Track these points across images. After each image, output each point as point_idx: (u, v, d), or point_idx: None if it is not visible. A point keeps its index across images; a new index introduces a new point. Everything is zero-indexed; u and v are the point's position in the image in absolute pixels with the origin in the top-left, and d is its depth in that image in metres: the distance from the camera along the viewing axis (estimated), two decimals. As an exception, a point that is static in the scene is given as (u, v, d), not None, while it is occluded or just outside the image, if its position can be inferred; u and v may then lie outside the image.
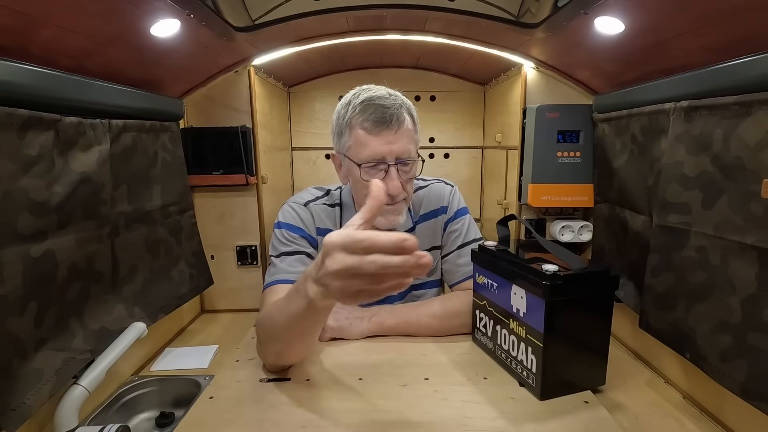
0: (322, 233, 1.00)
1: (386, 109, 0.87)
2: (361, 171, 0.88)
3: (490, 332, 0.89)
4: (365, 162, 0.88)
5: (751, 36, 0.66)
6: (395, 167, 0.89)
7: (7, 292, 0.63)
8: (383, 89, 0.93)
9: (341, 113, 0.92)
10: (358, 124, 0.88)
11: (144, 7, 0.77)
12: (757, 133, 0.65)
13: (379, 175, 0.89)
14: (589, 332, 0.78)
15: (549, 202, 1.23)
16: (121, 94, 0.90)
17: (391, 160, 0.89)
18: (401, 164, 0.90)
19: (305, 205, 1.01)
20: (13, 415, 0.63)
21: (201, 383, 0.95)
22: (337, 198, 1.05)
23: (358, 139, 0.88)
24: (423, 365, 0.85)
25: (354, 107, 0.89)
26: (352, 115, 0.89)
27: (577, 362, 0.78)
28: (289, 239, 0.97)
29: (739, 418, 0.75)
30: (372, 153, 0.88)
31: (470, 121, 1.78)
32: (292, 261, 0.94)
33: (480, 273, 0.92)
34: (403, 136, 0.89)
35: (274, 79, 1.51)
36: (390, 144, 0.88)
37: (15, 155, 0.65)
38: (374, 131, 0.87)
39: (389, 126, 0.87)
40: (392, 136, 0.88)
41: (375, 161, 0.88)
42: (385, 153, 0.88)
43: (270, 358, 0.84)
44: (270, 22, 1.07)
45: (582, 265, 0.75)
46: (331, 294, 0.57)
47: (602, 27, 0.87)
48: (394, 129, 0.88)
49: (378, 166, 0.89)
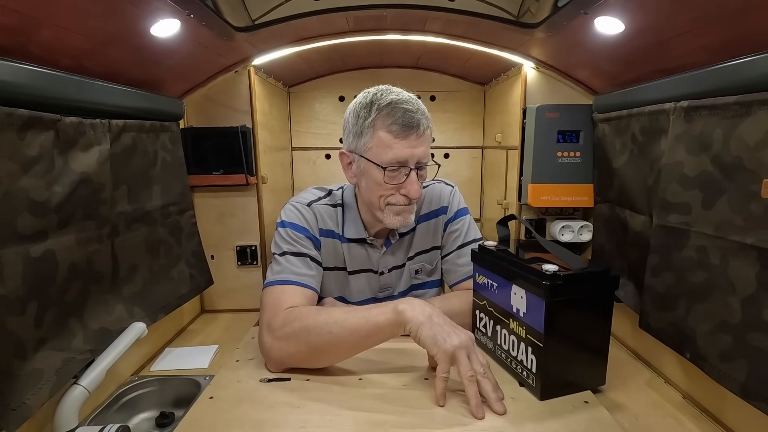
0: (325, 234, 1.00)
1: (413, 114, 0.88)
2: (386, 174, 0.90)
3: (490, 332, 0.89)
4: (389, 164, 0.89)
5: (751, 36, 0.66)
6: (415, 171, 0.91)
7: (7, 292, 0.63)
8: (404, 92, 0.93)
9: (362, 114, 0.91)
10: (384, 127, 0.88)
11: (144, 7, 0.77)
12: (757, 133, 0.65)
13: (400, 178, 0.90)
14: (589, 332, 0.78)
15: (549, 202, 1.23)
16: (121, 94, 0.90)
17: (413, 164, 0.90)
18: (420, 168, 0.92)
19: (308, 205, 1.01)
20: (13, 415, 0.63)
21: (201, 383, 0.95)
22: (339, 198, 1.05)
23: (382, 141, 0.88)
24: (423, 366, 0.85)
25: (379, 109, 0.89)
26: (377, 117, 0.89)
27: (577, 362, 0.78)
28: (294, 239, 0.96)
29: (739, 418, 0.75)
30: (396, 156, 0.88)
31: (470, 121, 1.78)
32: (297, 263, 0.94)
33: (480, 273, 0.92)
34: (425, 141, 0.91)
35: (274, 79, 1.52)
36: (413, 148, 0.89)
37: (15, 155, 0.65)
38: (401, 135, 0.88)
39: (415, 131, 0.88)
40: (416, 141, 0.89)
41: (398, 164, 0.89)
42: (408, 156, 0.89)
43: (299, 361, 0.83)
44: (270, 22, 1.07)
45: (582, 265, 0.75)
46: (426, 336, 0.74)
47: (602, 27, 0.87)
48: (419, 134, 0.89)
49: (400, 170, 0.90)
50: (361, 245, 1.03)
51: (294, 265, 0.93)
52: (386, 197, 0.93)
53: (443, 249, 1.10)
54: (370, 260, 1.05)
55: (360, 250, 1.03)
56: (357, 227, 1.02)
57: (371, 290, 1.07)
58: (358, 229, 1.02)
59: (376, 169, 0.90)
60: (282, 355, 0.82)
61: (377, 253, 1.04)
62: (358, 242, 1.03)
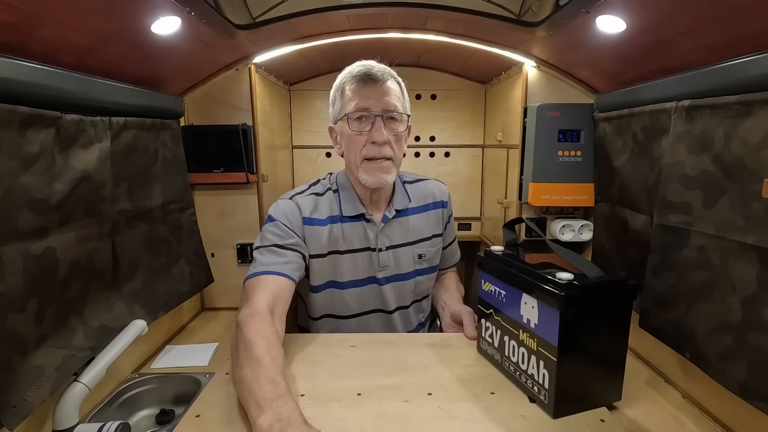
0: (309, 222, 1.05)
1: (372, 68, 0.99)
2: (349, 121, 0.96)
3: (497, 343, 0.86)
4: (352, 112, 0.97)
5: (752, 35, 0.66)
6: (381, 118, 0.98)
7: (8, 289, 0.63)
8: (373, 61, 1.03)
9: (335, 85, 1.05)
10: (346, 84, 1.00)
11: (145, 4, 0.77)
12: (758, 132, 0.64)
13: (365, 125, 0.97)
14: (605, 345, 0.74)
15: (549, 201, 1.23)
16: (121, 92, 0.90)
17: (378, 111, 0.97)
18: (388, 119, 0.99)
19: (291, 198, 1.08)
20: (13, 412, 0.63)
21: (201, 381, 0.95)
22: (328, 184, 1.11)
23: (346, 96, 1.00)
24: (426, 378, 0.82)
25: (346, 74, 1.02)
26: (343, 80, 1.01)
27: (593, 377, 0.74)
28: (267, 236, 1.01)
29: (739, 418, 0.75)
30: (358, 105, 0.97)
31: (471, 120, 1.78)
32: (266, 254, 0.99)
33: (486, 280, 0.88)
34: (389, 93, 0.99)
35: (274, 77, 1.51)
36: (376, 98, 0.97)
37: (16, 152, 0.65)
38: (360, 86, 0.98)
39: (375, 82, 0.98)
40: (378, 91, 0.98)
41: (361, 112, 0.97)
42: (370, 105, 0.97)
43: None
44: (271, 20, 1.06)
45: (598, 273, 0.71)
46: None
47: (603, 26, 0.87)
48: (380, 84, 0.98)
49: (364, 119, 0.98)
50: (358, 222, 1.08)
51: (266, 257, 0.98)
52: (360, 150, 0.99)
53: (444, 239, 1.22)
54: (368, 238, 1.08)
55: (358, 228, 1.08)
56: (354, 204, 1.07)
57: (369, 269, 1.09)
58: (355, 206, 1.07)
59: (345, 124, 0.99)
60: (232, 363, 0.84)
61: (375, 229, 1.08)
62: (355, 219, 1.07)
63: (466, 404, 0.75)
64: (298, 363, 0.91)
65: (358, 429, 0.69)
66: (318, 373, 0.86)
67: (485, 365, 0.89)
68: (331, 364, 0.89)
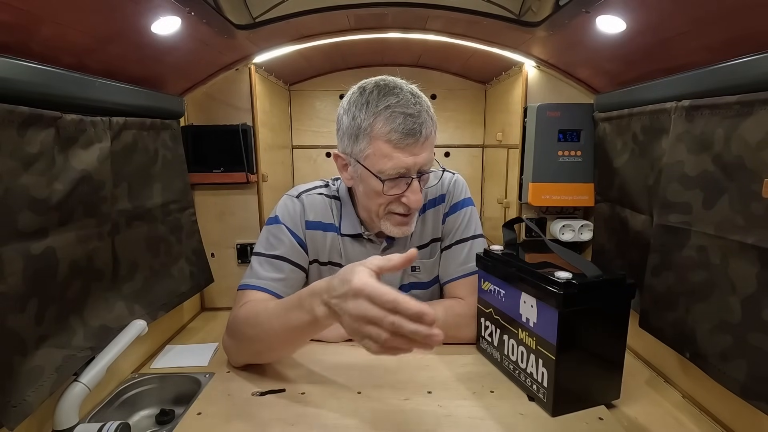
0: (313, 226, 0.99)
1: (414, 119, 0.80)
2: (385, 185, 0.83)
3: (497, 341, 0.86)
4: (388, 176, 0.82)
5: (752, 35, 0.66)
6: (418, 180, 0.84)
7: (8, 289, 0.63)
8: (404, 89, 0.85)
9: (358, 116, 0.83)
10: (381, 136, 0.80)
11: (145, 4, 0.77)
12: (758, 132, 0.64)
13: (400, 188, 0.84)
14: (604, 343, 0.75)
15: (549, 201, 1.23)
16: (121, 92, 0.90)
17: (415, 173, 0.83)
18: (423, 175, 0.86)
19: (298, 196, 1.00)
20: (13, 412, 0.63)
21: (201, 381, 0.95)
22: (334, 190, 1.03)
23: (380, 150, 0.81)
24: (425, 377, 0.83)
25: (376, 114, 0.80)
26: (373, 123, 0.81)
27: (592, 375, 0.75)
28: (271, 239, 0.97)
29: (739, 418, 0.75)
30: (396, 166, 0.81)
31: (471, 120, 1.78)
32: (267, 266, 0.95)
33: (485, 279, 0.89)
34: (428, 147, 0.84)
35: (274, 77, 1.51)
36: (415, 156, 0.81)
37: (15, 152, 0.65)
38: (401, 144, 0.80)
39: (418, 138, 0.80)
40: (418, 148, 0.81)
41: (399, 174, 0.82)
42: (409, 166, 0.82)
43: (244, 356, 0.84)
44: (271, 20, 1.06)
45: (597, 272, 0.72)
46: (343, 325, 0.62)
47: (604, 26, 0.87)
48: (422, 141, 0.81)
49: (400, 179, 0.83)
50: (358, 241, 1.00)
51: (263, 268, 0.94)
52: (386, 205, 0.88)
53: (442, 242, 1.04)
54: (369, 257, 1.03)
55: (357, 246, 1.01)
56: (353, 223, 0.99)
57: None
58: (354, 225, 0.99)
59: (374, 179, 0.83)
60: (238, 350, 0.85)
61: (376, 248, 1.01)
62: (354, 238, 1.00)
63: (466, 402, 0.76)
64: (297, 361, 0.91)
65: (358, 427, 0.69)
66: (318, 372, 0.86)
67: (484, 364, 0.90)
68: (331, 363, 0.89)
